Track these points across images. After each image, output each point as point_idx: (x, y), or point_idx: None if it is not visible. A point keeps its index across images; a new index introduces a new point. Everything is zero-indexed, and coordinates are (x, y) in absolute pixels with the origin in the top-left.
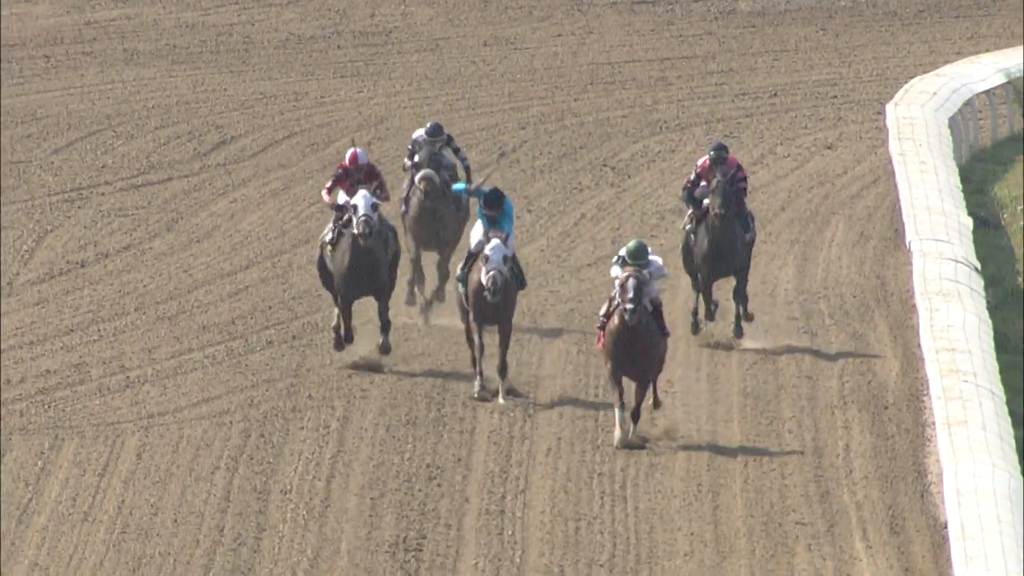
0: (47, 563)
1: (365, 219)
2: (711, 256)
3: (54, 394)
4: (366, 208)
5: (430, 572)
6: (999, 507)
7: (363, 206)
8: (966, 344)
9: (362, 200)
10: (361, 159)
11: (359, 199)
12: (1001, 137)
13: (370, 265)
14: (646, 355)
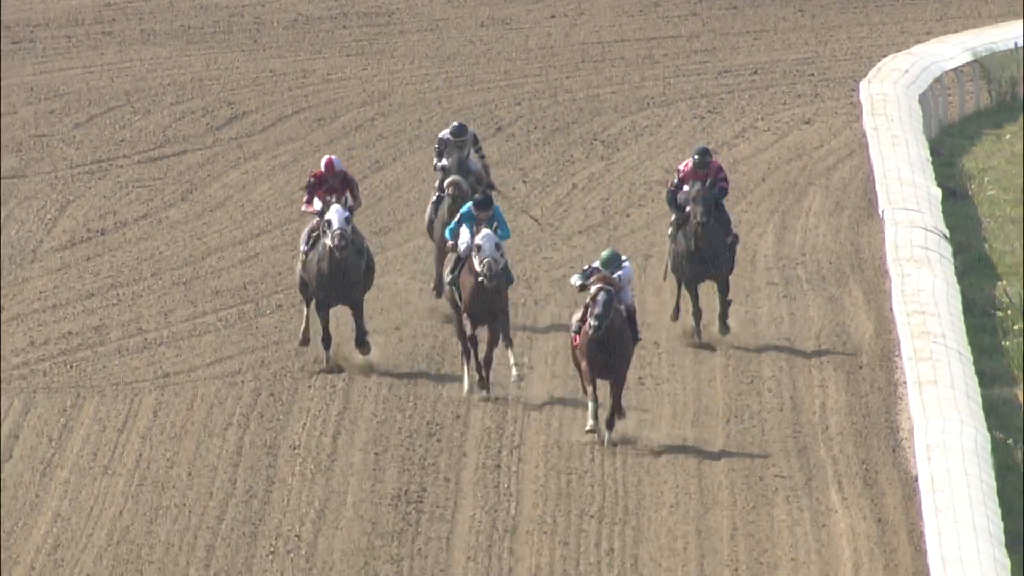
0: (69, 514)
1: (340, 233)
2: (694, 260)
3: (76, 355)
4: (340, 223)
5: (430, 523)
6: (967, 461)
7: (337, 221)
8: (935, 308)
9: (336, 215)
10: (336, 166)
11: (332, 214)
12: (968, 112)
13: (345, 276)
14: (619, 358)
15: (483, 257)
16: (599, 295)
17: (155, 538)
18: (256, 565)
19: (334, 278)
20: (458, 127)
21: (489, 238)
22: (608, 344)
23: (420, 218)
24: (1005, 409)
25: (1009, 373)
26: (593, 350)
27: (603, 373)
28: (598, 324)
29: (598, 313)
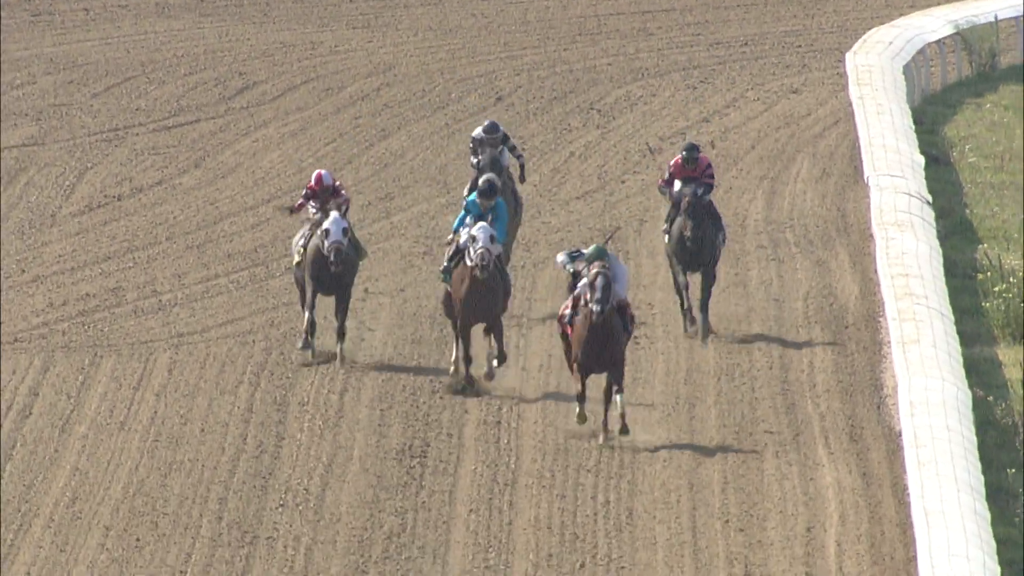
0: (87, 468)
1: (336, 247)
2: (683, 256)
3: (93, 315)
4: (337, 235)
5: (433, 477)
6: (948, 418)
7: (334, 232)
8: (918, 270)
9: (333, 225)
10: (326, 180)
11: (331, 224)
12: (950, 82)
13: (337, 278)
14: (612, 348)
15: (476, 248)
16: (597, 279)
17: (169, 491)
18: (266, 517)
19: (327, 282)
20: (490, 125)
21: (485, 230)
22: (601, 335)
23: (424, 184)
24: (985, 367)
25: (989, 333)
26: (588, 340)
27: (596, 367)
28: (600, 308)
29: (599, 298)
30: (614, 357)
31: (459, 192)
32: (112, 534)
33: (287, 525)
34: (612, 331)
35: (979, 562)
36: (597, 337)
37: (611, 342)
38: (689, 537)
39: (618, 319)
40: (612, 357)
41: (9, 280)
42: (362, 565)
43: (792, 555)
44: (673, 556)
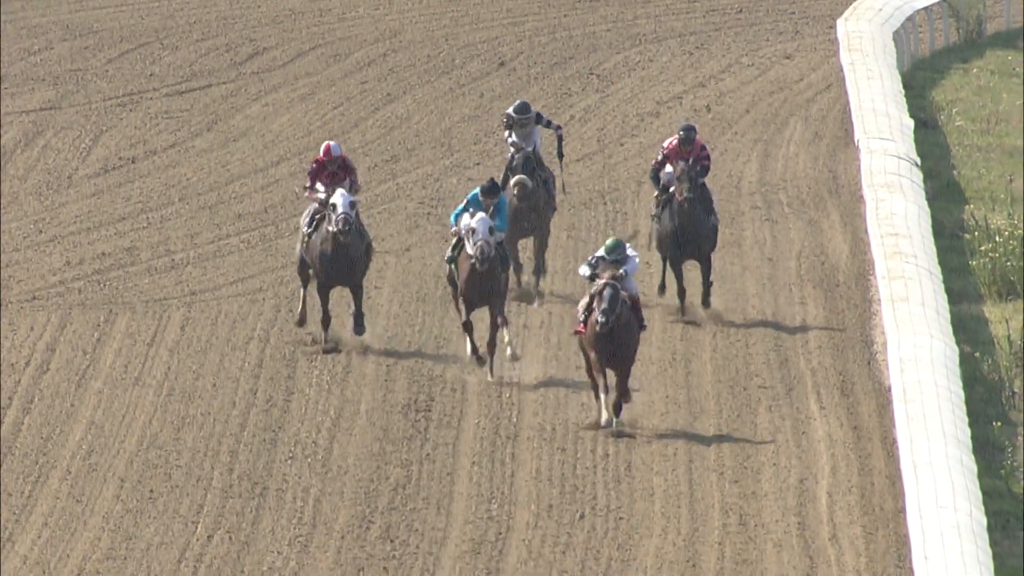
0: (102, 421)
1: (344, 217)
2: (678, 239)
3: (108, 274)
4: (344, 207)
5: (438, 430)
6: (936, 373)
7: (341, 205)
8: (907, 230)
9: (340, 199)
10: (334, 152)
11: (337, 198)
12: (938, 48)
13: (347, 258)
14: (626, 348)
15: (476, 240)
16: (605, 290)
17: (182, 444)
18: (276, 469)
19: (336, 260)
20: (521, 105)
21: (483, 221)
22: (615, 336)
23: (429, 147)
24: (972, 324)
25: (976, 291)
26: (601, 342)
27: (611, 363)
28: (605, 320)
29: (604, 308)
30: (627, 355)
31: (463, 154)
32: (127, 486)
33: (296, 477)
34: (625, 329)
35: (966, 512)
36: (609, 340)
37: (622, 342)
38: (686, 488)
39: (631, 318)
40: (625, 355)
41: (27, 240)
42: (368, 515)
43: (785, 506)
44: (670, 507)
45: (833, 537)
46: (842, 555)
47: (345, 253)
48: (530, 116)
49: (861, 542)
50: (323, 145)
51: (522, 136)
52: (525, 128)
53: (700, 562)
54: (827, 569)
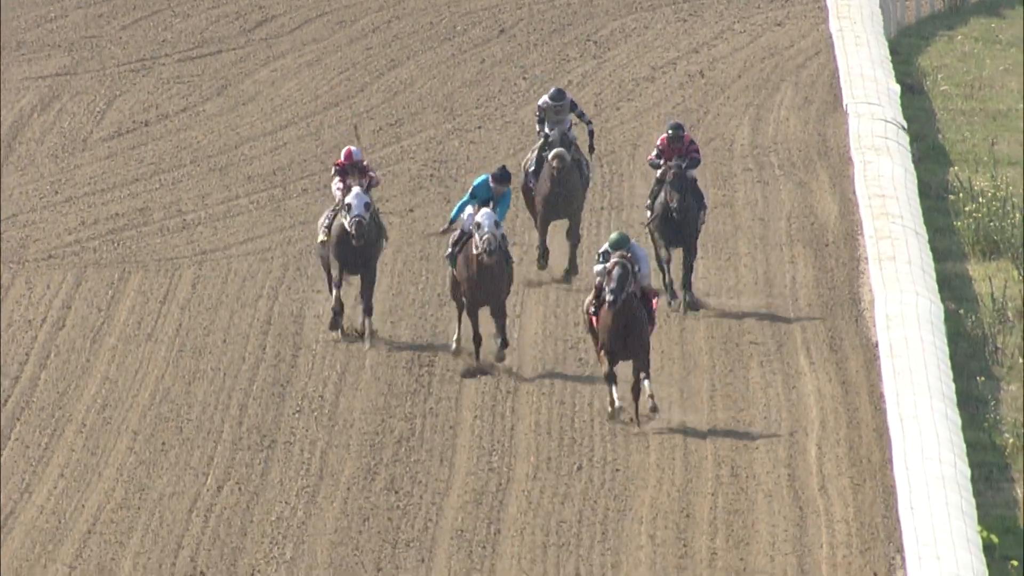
0: (116, 377)
1: (358, 220)
2: (665, 230)
3: (122, 234)
4: (359, 209)
5: (440, 385)
6: (922, 330)
7: (356, 206)
8: (894, 191)
9: (355, 199)
10: (355, 156)
11: (353, 199)
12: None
13: (362, 256)
14: (637, 337)
15: (482, 234)
16: (615, 269)
17: (193, 398)
18: (284, 423)
19: (351, 257)
20: (557, 92)
21: (488, 216)
22: (625, 323)
23: (431, 111)
24: (956, 282)
25: (960, 250)
26: (612, 331)
27: (624, 354)
28: (614, 298)
29: (613, 287)
30: (639, 344)
31: (464, 118)
32: (140, 438)
33: (303, 430)
34: (634, 318)
35: (950, 464)
36: (619, 324)
37: (634, 329)
38: (680, 441)
39: (641, 309)
40: (637, 344)
41: (43, 200)
42: (373, 467)
43: (775, 458)
44: (664, 458)
45: (822, 488)
46: (831, 505)
47: (360, 252)
48: (564, 103)
49: (849, 493)
50: (344, 149)
51: (555, 123)
52: (559, 115)
53: (693, 512)
54: (816, 519)
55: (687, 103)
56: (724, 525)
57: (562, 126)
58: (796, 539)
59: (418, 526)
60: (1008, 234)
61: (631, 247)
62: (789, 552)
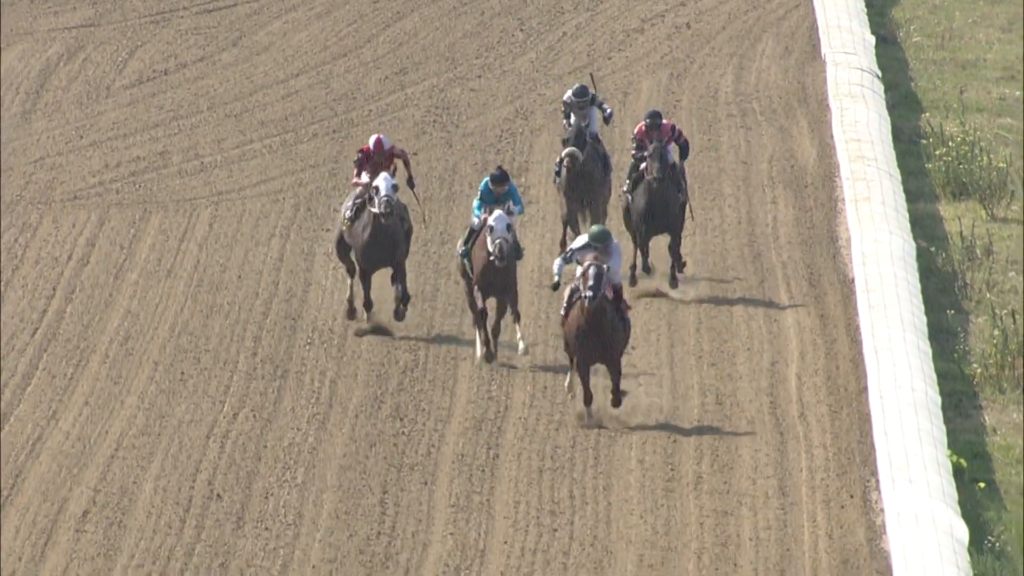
0: (138, 310)
1: (387, 199)
2: (648, 216)
3: (143, 176)
4: (387, 189)
5: (443, 318)
6: (895, 266)
7: (384, 188)
8: (869, 136)
9: (383, 182)
10: (384, 145)
11: (380, 181)
12: None
13: (389, 240)
14: (610, 338)
15: (495, 238)
16: (590, 270)
17: (210, 331)
18: (295, 354)
19: (378, 242)
20: (580, 88)
21: (501, 219)
22: (597, 325)
23: (434, 60)
24: (928, 222)
25: (931, 191)
26: (583, 333)
27: (596, 356)
28: (592, 295)
29: (591, 286)
30: (611, 348)
31: (465, 68)
32: (160, 368)
33: (314, 360)
34: (607, 321)
35: (922, 392)
36: (592, 326)
37: (607, 331)
38: (667, 371)
39: (614, 312)
40: (609, 348)
41: (69, 145)
42: (380, 396)
43: (758, 387)
44: (653, 388)
45: (801, 415)
46: (809, 431)
47: (387, 235)
48: (587, 99)
49: (827, 419)
50: (373, 138)
51: (580, 119)
52: (583, 111)
53: (680, 437)
54: (796, 444)
55: (674, 53)
56: (709, 450)
57: (584, 122)
58: (777, 463)
59: (421, 451)
60: (976, 176)
61: (609, 244)
62: (770, 475)
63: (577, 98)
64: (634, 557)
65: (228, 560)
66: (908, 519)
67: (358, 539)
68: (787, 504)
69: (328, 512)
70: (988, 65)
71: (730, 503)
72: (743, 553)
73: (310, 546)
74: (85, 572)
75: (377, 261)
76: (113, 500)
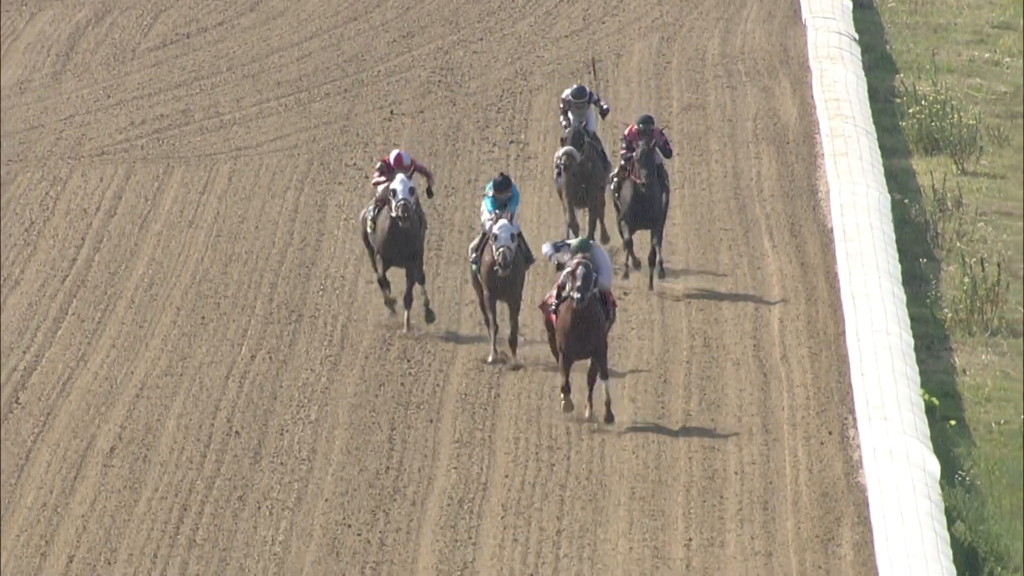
0: (161, 259)
1: (403, 203)
2: (632, 214)
3: (167, 133)
4: (404, 193)
5: (447, 267)
6: (871, 217)
7: (401, 191)
8: (847, 95)
9: (400, 185)
10: (404, 160)
11: (397, 183)
12: None
13: (406, 240)
14: (594, 335)
15: (498, 247)
16: (579, 269)
17: (229, 278)
18: (309, 299)
19: (396, 242)
20: (578, 89)
21: (505, 228)
22: (584, 324)
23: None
24: (902, 175)
25: (905, 147)
26: (570, 330)
27: (579, 353)
28: (581, 296)
29: (579, 286)
30: (597, 344)
31: (468, 31)
32: (182, 313)
33: (326, 306)
34: (594, 319)
35: (896, 336)
36: (579, 324)
37: (593, 329)
38: (658, 316)
39: (600, 308)
40: (595, 344)
41: (97, 103)
42: (388, 339)
43: (742, 330)
44: (644, 330)
45: (784, 357)
46: (791, 372)
47: (404, 236)
48: (585, 99)
49: (807, 361)
50: (394, 152)
51: (578, 117)
52: (581, 110)
53: (670, 377)
54: (778, 383)
55: (665, 17)
56: (697, 390)
57: (582, 121)
58: (760, 402)
59: (427, 391)
60: (947, 133)
61: (594, 253)
62: (755, 413)
63: (575, 99)
64: (627, 490)
65: (246, 493)
66: (883, 454)
67: (368, 473)
68: (770, 440)
69: (340, 448)
70: (958, 29)
71: (717, 439)
72: (729, 486)
73: (323, 480)
74: (112, 503)
75: (395, 258)
76: (138, 436)
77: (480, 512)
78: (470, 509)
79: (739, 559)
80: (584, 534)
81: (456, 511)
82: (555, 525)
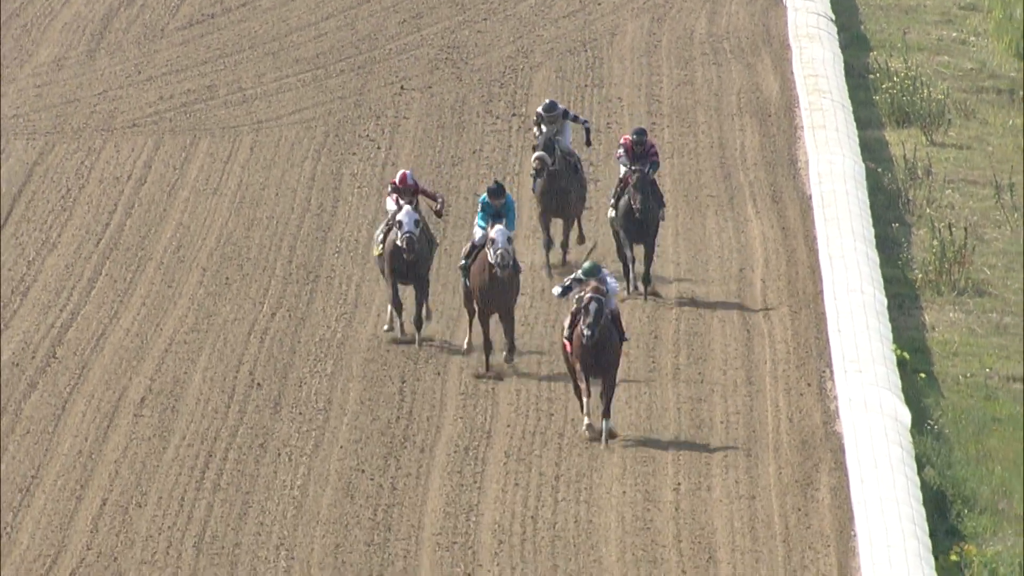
0: (188, 223)
1: (408, 236)
2: (627, 229)
3: (193, 106)
4: (409, 226)
5: (454, 230)
6: (847, 184)
7: (407, 223)
8: (825, 71)
9: (406, 217)
10: (408, 180)
11: (404, 216)
12: None
13: (410, 267)
14: (608, 360)
15: (496, 249)
16: (591, 304)
17: (251, 241)
18: (326, 261)
19: (401, 268)
20: (549, 104)
21: (502, 233)
22: (599, 348)
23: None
24: (875, 146)
25: (879, 120)
26: (585, 354)
27: (595, 373)
28: (591, 333)
29: (590, 322)
30: (610, 362)
31: (472, 12)
32: (208, 274)
33: (342, 267)
34: (607, 343)
35: (871, 295)
36: (593, 350)
37: (607, 352)
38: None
39: (614, 332)
40: (607, 364)
41: (129, 79)
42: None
43: (727, 291)
44: (636, 291)
45: (766, 314)
46: (773, 329)
47: (411, 263)
48: (557, 113)
49: (788, 319)
50: (400, 173)
51: (545, 139)
52: (554, 124)
53: (660, 333)
54: (761, 340)
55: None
56: (686, 345)
57: (554, 131)
58: (744, 356)
59: (435, 345)
60: (917, 107)
61: (602, 276)
62: (739, 367)
63: (547, 112)
64: (620, 437)
65: (267, 441)
66: (858, 405)
67: (380, 422)
68: (753, 392)
69: (354, 399)
70: (928, 10)
71: (703, 391)
72: (715, 435)
73: (338, 428)
74: (143, 451)
75: (401, 280)
76: (167, 388)
77: (484, 458)
78: (475, 456)
79: (724, 502)
80: (581, 479)
81: (462, 457)
82: (554, 470)
